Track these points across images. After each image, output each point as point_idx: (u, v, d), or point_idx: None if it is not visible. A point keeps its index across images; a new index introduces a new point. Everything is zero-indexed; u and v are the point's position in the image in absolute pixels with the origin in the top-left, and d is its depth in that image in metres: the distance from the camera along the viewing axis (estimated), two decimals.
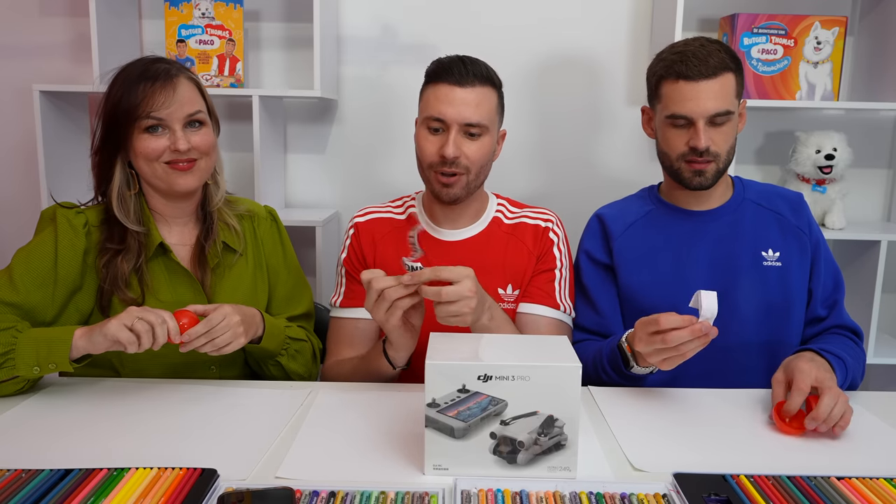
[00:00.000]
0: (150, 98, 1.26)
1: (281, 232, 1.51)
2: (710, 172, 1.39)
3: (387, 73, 2.20)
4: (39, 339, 1.16)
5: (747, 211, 1.47)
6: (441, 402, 0.93)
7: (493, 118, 1.40)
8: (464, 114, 1.35)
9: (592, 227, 1.55)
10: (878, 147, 2.26)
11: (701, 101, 1.34)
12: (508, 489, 0.91)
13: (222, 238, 1.39)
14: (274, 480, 0.93)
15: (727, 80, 1.36)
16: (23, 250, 1.30)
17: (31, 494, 0.88)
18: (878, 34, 2.15)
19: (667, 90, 1.38)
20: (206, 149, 1.33)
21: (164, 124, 1.28)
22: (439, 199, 1.42)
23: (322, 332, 1.55)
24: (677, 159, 1.40)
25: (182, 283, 1.35)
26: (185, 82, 1.30)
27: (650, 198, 1.54)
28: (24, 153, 2.25)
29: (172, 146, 1.28)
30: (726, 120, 1.37)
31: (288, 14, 2.21)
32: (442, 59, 1.40)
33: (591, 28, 2.20)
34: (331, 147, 2.28)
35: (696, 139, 1.35)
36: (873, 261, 2.06)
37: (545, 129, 2.25)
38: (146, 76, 1.27)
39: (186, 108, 1.29)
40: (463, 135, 1.36)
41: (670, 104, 1.37)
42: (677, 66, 1.36)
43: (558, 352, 0.98)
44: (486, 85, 1.38)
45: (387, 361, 1.29)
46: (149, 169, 1.30)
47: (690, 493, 0.90)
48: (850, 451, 1.06)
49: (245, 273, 1.43)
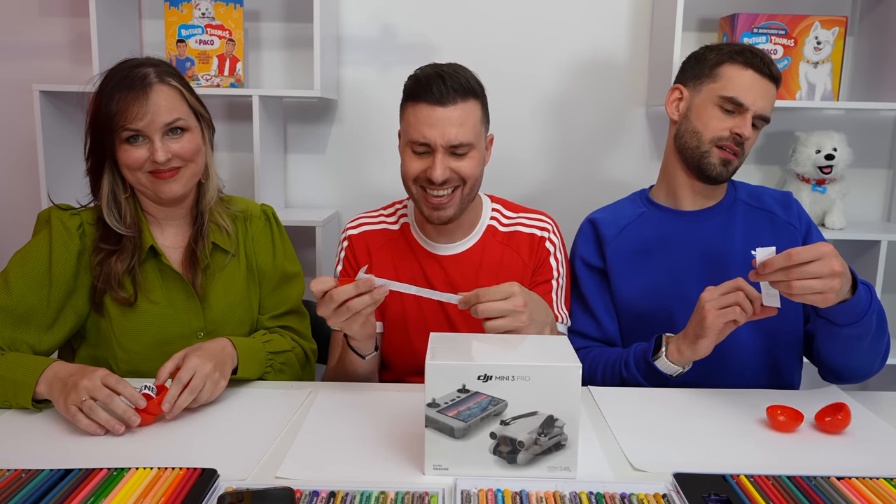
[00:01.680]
0: (124, 109, 1.24)
1: (274, 231, 1.48)
2: (733, 165, 1.41)
3: (387, 73, 2.20)
4: (7, 379, 1.14)
5: (739, 210, 1.47)
6: (441, 402, 0.93)
7: (479, 132, 1.36)
8: (448, 136, 1.31)
9: (585, 233, 1.55)
10: (878, 147, 2.26)
11: (759, 97, 1.37)
12: (508, 489, 0.91)
13: (212, 239, 1.38)
14: (274, 480, 0.93)
15: (772, 90, 1.41)
16: (19, 253, 1.30)
17: (31, 494, 0.88)
18: (878, 34, 2.15)
19: (731, 72, 1.39)
20: (189, 155, 1.30)
21: (143, 134, 1.26)
22: (430, 223, 1.40)
23: (322, 334, 1.55)
24: (710, 142, 1.40)
25: (174, 286, 1.35)
26: (161, 90, 1.26)
27: (641, 200, 1.55)
28: (23, 153, 2.25)
29: (151, 157, 1.26)
30: (763, 125, 1.41)
31: (288, 14, 2.21)
32: (419, 76, 1.33)
33: (591, 28, 2.20)
34: (331, 147, 2.28)
35: (743, 127, 1.37)
36: (873, 261, 2.06)
37: (545, 128, 2.25)
38: (122, 85, 1.24)
39: (163, 118, 1.25)
40: (450, 155, 1.33)
41: (731, 86, 1.38)
42: (749, 56, 1.38)
43: (558, 352, 0.98)
44: (468, 98, 1.32)
45: (355, 354, 1.29)
46: (133, 178, 1.30)
47: (690, 493, 0.90)
48: (850, 451, 1.05)
49: (237, 274, 1.41)
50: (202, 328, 1.36)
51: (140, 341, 1.32)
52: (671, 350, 1.28)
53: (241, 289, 1.42)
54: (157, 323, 1.33)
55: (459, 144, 1.32)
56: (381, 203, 1.58)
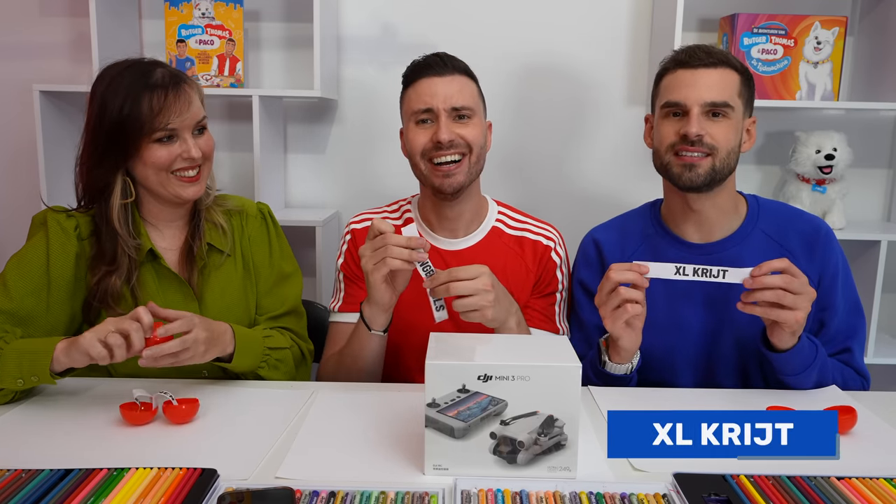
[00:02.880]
0: (165, 110, 1.24)
1: (271, 230, 1.47)
2: (703, 168, 1.28)
3: (387, 73, 2.20)
4: (23, 351, 1.15)
5: (754, 244, 1.36)
6: (441, 402, 0.93)
7: (478, 104, 1.42)
8: (450, 99, 1.36)
9: (589, 255, 1.47)
10: (878, 147, 2.26)
11: (697, 88, 1.28)
12: (508, 489, 0.91)
13: (208, 240, 1.38)
14: (274, 480, 0.93)
15: (728, 75, 1.30)
16: (15, 257, 1.29)
17: (31, 494, 0.88)
18: (878, 34, 2.15)
19: (666, 81, 1.34)
20: (211, 153, 1.34)
21: (176, 133, 1.27)
22: (441, 193, 1.39)
23: (321, 334, 1.55)
24: (667, 151, 1.32)
25: (171, 287, 1.35)
26: (190, 90, 1.29)
27: (650, 218, 1.45)
28: (23, 153, 2.24)
29: (185, 154, 1.27)
30: (725, 114, 1.29)
31: (288, 14, 2.21)
32: (416, 60, 1.42)
33: (591, 28, 2.19)
34: (331, 147, 2.28)
35: (688, 125, 1.27)
36: (873, 261, 2.06)
37: (545, 129, 2.24)
38: (154, 85, 1.25)
39: (196, 115, 1.29)
40: (453, 120, 1.37)
41: (667, 92, 1.32)
42: (680, 55, 1.33)
43: (558, 352, 0.98)
44: (465, 76, 1.40)
45: (365, 329, 1.29)
46: (157, 178, 1.29)
47: (690, 493, 0.90)
48: (850, 451, 1.05)
49: (234, 274, 1.41)
50: None
51: None
52: (611, 354, 1.28)
53: (238, 289, 1.41)
54: None
55: (462, 107, 1.36)
56: (380, 203, 1.58)
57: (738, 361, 1.36)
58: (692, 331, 1.37)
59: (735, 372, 1.37)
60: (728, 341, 1.36)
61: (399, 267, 1.19)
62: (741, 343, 1.35)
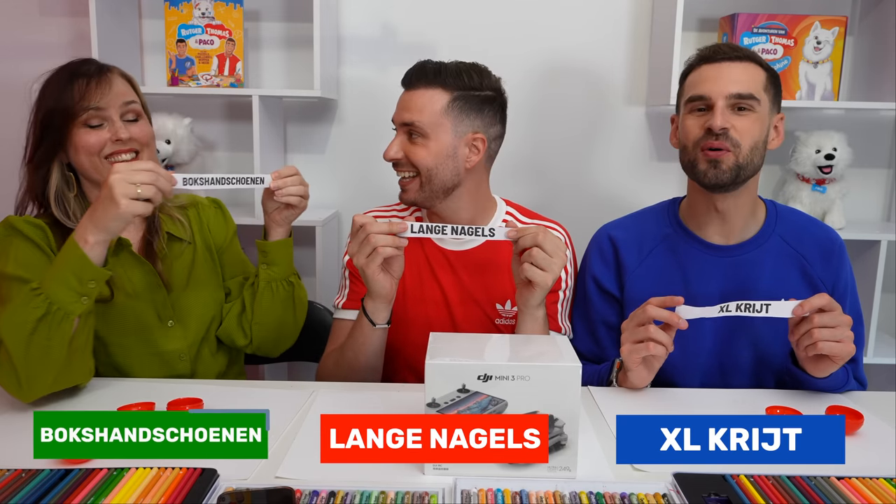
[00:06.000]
0: (87, 93, 1.27)
1: (226, 215, 1.52)
2: (726, 164, 1.26)
3: (387, 73, 2.20)
4: (58, 279, 1.11)
5: (772, 249, 1.35)
6: (441, 402, 0.93)
7: (439, 121, 1.33)
8: (402, 115, 1.36)
9: (604, 251, 1.44)
10: (878, 147, 2.26)
11: (721, 81, 1.27)
12: (508, 489, 0.91)
13: (166, 229, 1.39)
14: (274, 480, 0.93)
15: (754, 70, 1.29)
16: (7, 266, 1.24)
17: (31, 494, 0.88)
18: (878, 34, 2.15)
19: (691, 78, 1.33)
20: (146, 139, 1.34)
21: (103, 115, 1.29)
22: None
23: (321, 334, 1.55)
24: (693, 147, 1.30)
25: (136, 276, 1.34)
26: (118, 78, 1.32)
27: (669, 219, 1.43)
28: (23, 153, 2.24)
29: (113, 136, 1.29)
30: (751, 107, 1.27)
31: (288, 14, 2.21)
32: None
33: (590, 28, 2.19)
34: (331, 147, 2.28)
35: (713, 119, 1.26)
36: (873, 261, 2.06)
37: (545, 130, 2.24)
38: (79, 74, 1.29)
39: (122, 97, 1.31)
40: (404, 135, 1.37)
41: (690, 89, 1.31)
42: (704, 52, 1.32)
43: (558, 352, 0.98)
44: (432, 86, 1.35)
45: (367, 322, 1.29)
46: (90, 163, 1.30)
47: (690, 493, 0.90)
48: (851, 451, 1.05)
49: (197, 259, 1.43)
50: (171, 316, 1.37)
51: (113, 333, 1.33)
52: (620, 377, 1.27)
53: (205, 272, 1.43)
54: (129, 315, 1.33)
55: (411, 123, 1.35)
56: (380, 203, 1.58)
57: (754, 368, 1.35)
58: (705, 338, 1.36)
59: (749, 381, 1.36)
60: (743, 349, 1.35)
61: (391, 253, 1.21)
62: (758, 350, 1.34)
